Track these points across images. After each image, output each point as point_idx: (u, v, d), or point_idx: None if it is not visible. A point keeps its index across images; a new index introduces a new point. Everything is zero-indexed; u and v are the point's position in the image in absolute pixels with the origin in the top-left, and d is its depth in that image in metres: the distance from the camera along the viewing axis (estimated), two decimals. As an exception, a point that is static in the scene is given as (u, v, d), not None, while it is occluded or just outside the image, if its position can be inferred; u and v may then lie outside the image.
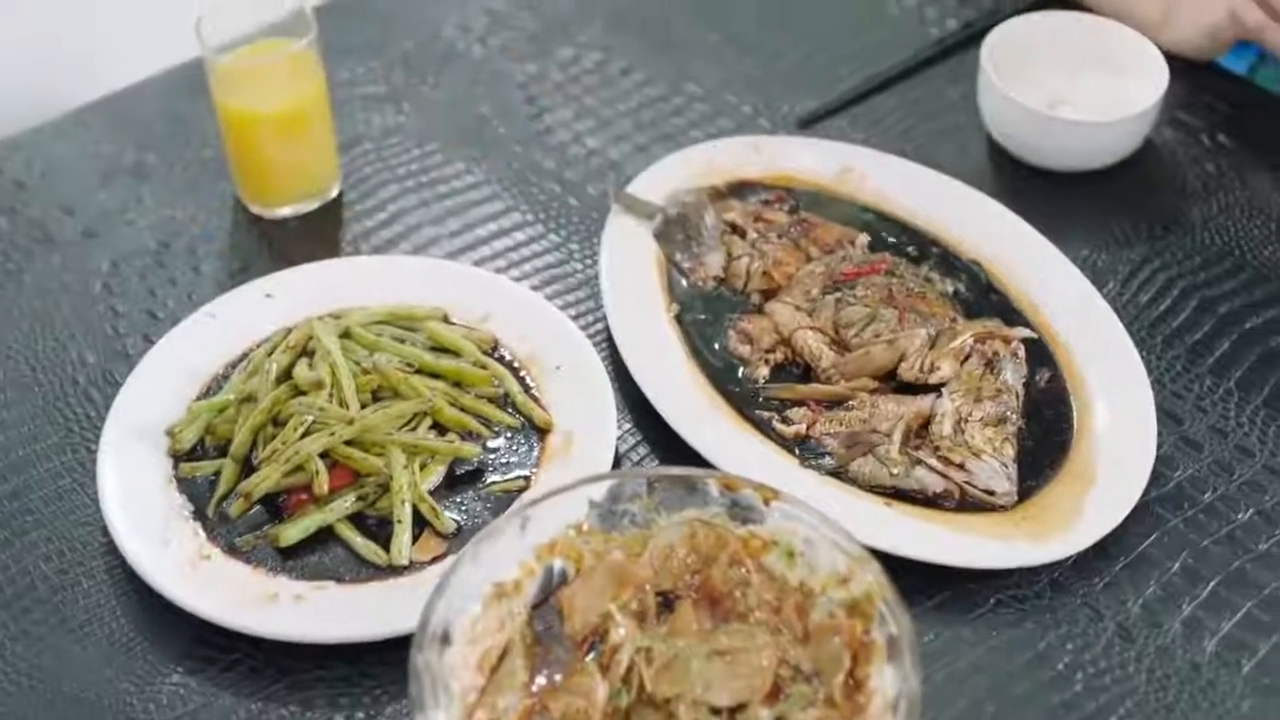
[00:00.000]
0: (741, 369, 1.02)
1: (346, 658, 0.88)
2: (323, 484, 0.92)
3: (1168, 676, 0.88)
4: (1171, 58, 1.25)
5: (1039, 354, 1.03)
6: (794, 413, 0.99)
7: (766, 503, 0.84)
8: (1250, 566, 0.93)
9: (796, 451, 0.97)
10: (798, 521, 0.83)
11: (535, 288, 1.08)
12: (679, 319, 1.04)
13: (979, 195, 1.12)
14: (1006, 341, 1.00)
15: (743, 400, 1.00)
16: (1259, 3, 1.18)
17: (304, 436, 0.93)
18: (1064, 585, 0.92)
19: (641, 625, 0.84)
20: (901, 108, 1.24)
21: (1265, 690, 0.87)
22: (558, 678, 0.82)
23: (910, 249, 1.09)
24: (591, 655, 0.83)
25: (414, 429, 0.96)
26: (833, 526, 0.82)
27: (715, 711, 0.79)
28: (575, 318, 1.05)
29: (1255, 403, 1.02)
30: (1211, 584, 0.92)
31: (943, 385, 0.98)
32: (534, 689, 0.81)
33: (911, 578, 0.90)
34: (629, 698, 0.80)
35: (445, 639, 0.79)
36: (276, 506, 0.93)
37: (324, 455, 0.93)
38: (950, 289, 1.06)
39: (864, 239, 1.09)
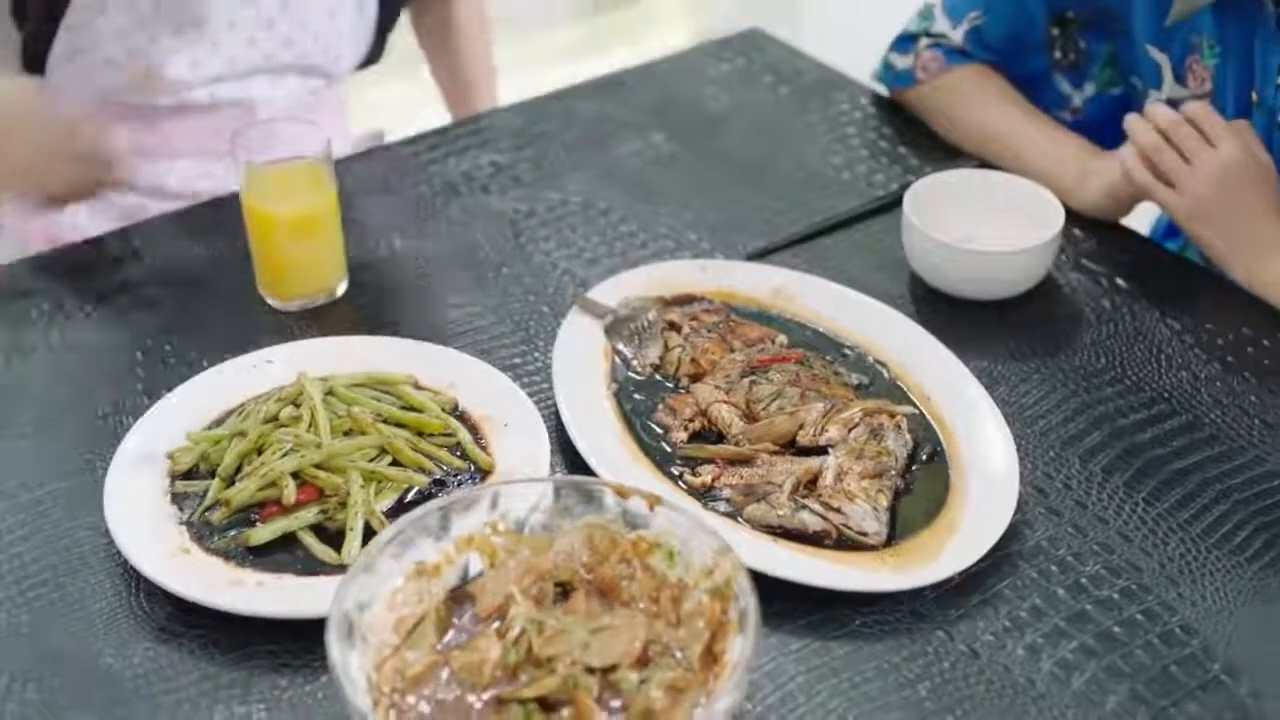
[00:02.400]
0: (664, 434, 1.18)
1: (293, 635, 1.02)
2: (290, 496, 1.08)
3: (1005, 687, 1.00)
4: (1085, 220, 1.44)
5: (927, 434, 1.18)
6: (703, 468, 1.14)
7: (651, 508, 0.99)
8: (1091, 607, 1.06)
9: (701, 499, 1.12)
10: (676, 524, 0.98)
11: (500, 369, 1.25)
12: (617, 395, 1.21)
13: (890, 310, 1.29)
14: (891, 416, 1.16)
15: (661, 458, 1.15)
16: (1145, 163, 1.36)
17: (281, 460, 1.10)
18: (923, 614, 1.05)
19: (539, 607, 0.98)
20: (842, 249, 1.42)
21: (1089, 702, 0.99)
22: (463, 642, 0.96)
23: (824, 350, 1.26)
24: (494, 627, 0.97)
25: (376, 462, 1.13)
26: (702, 526, 0.97)
27: (590, 671, 0.93)
28: (531, 394, 1.22)
29: (1116, 483, 1.16)
30: (1055, 619, 1.05)
31: (831, 447, 1.13)
32: (439, 648, 0.96)
33: (788, 601, 1.04)
34: (518, 657, 0.94)
35: (367, 602, 0.94)
36: (251, 519, 1.10)
37: (295, 475, 1.10)
38: (855, 381, 1.22)
39: (783, 338, 1.26)
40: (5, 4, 1.56)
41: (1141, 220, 1.55)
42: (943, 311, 1.34)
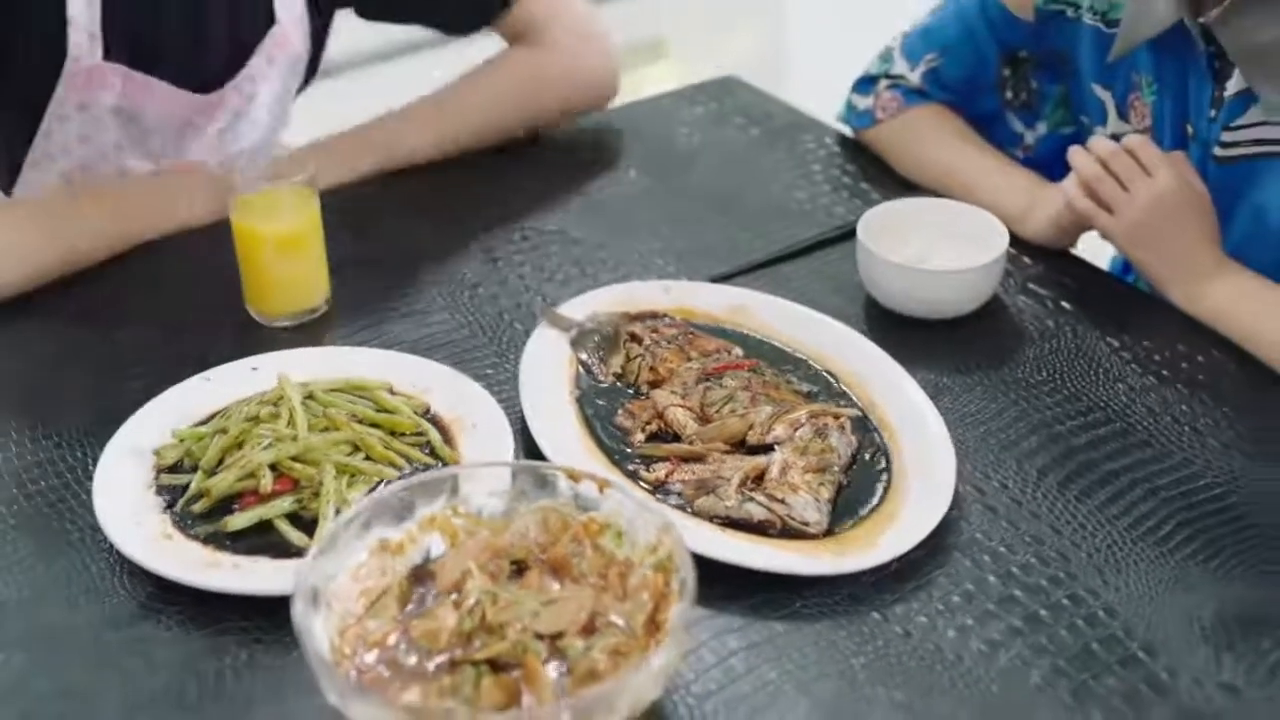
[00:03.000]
0: (623, 436, 1.24)
1: (266, 614, 1.08)
2: (267, 485, 1.15)
3: (934, 663, 1.06)
4: (1035, 248, 1.51)
5: (871, 436, 1.25)
6: (658, 465, 1.21)
7: (601, 490, 1.06)
8: (1019, 593, 1.12)
9: (655, 493, 1.18)
10: (624, 506, 1.05)
11: (472, 378, 1.32)
12: (579, 401, 1.28)
13: (842, 326, 1.37)
14: (836, 417, 1.23)
15: (620, 456, 1.22)
16: (1086, 191, 1.44)
17: (259, 452, 1.18)
18: (860, 597, 1.11)
19: (494, 582, 1.05)
20: (801, 274, 1.50)
21: (1013, 676, 1.05)
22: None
23: (776, 361, 1.33)
24: (451, 598, 1.04)
25: (350, 458, 1.20)
26: (647, 507, 1.04)
27: (540, 637, 1.00)
28: (500, 400, 1.29)
29: (1050, 482, 1.22)
30: (985, 604, 1.11)
31: (778, 444, 1.20)
32: (399, 618, 1.02)
33: (733, 584, 1.11)
34: (473, 624, 1.00)
35: (333, 573, 1.01)
36: (231, 508, 1.17)
37: (273, 467, 1.17)
38: (804, 389, 1.29)
39: (738, 350, 1.33)
40: None
41: (1102, 258, 1.63)
42: (894, 330, 1.41)
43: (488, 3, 1.71)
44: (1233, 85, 1.41)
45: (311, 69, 1.77)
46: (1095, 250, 1.56)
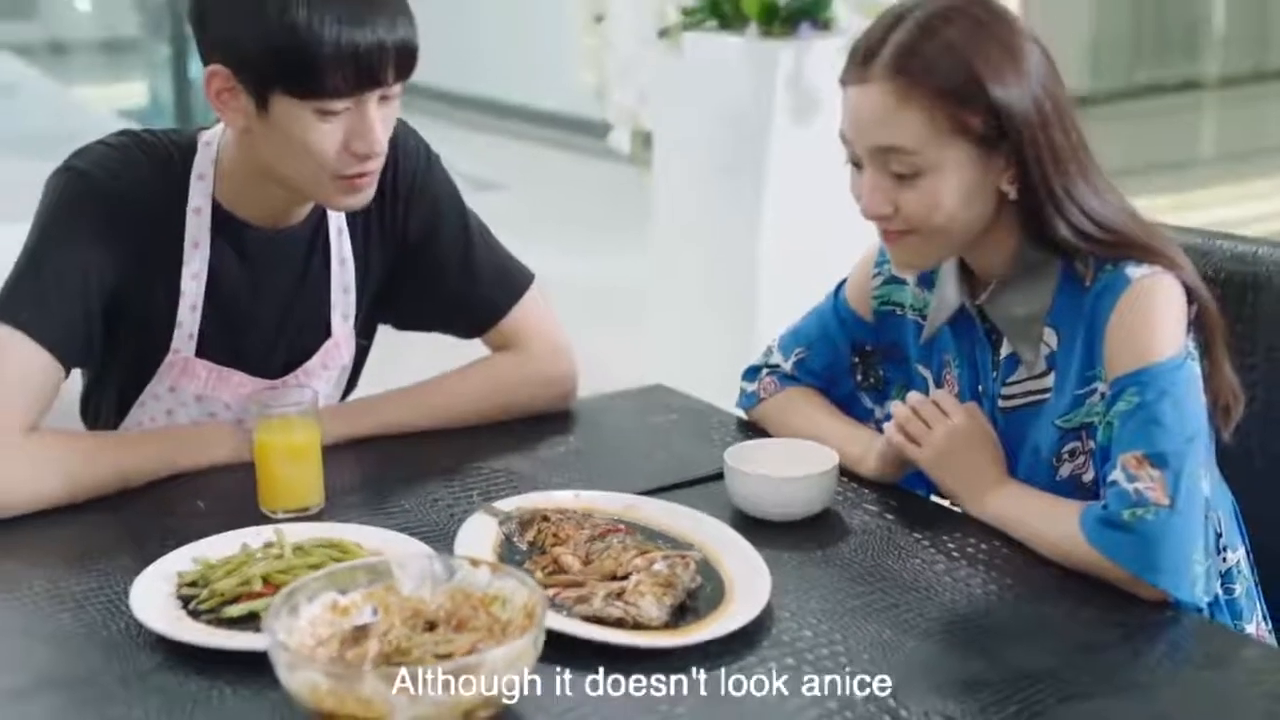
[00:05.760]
0: (529, 575, 1.66)
1: (245, 668, 1.48)
2: (258, 586, 1.58)
3: (739, 705, 1.44)
4: (871, 482, 1.96)
5: (713, 576, 1.66)
6: (550, 590, 1.62)
7: (494, 572, 1.47)
8: (808, 669, 1.50)
9: (545, 605, 1.59)
10: (507, 581, 1.46)
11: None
12: (499, 557, 1.71)
13: (709, 517, 1.80)
14: (683, 558, 1.64)
15: (523, 586, 1.64)
16: (900, 431, 1.89)
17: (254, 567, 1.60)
18: (684, 668, 1.50)
19: (411, 630, 1.45)
20: (685, 496, 1.93)
21: (795, 713, 1.43)
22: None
23: (653, 536, 1.76)
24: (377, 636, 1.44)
25: (321, 579, 1.62)
26: (524, 581, 1.45)
27: (436, 656, 1.39)
28: (441, 561, 1.71)
29: (845, 609, 1.62)
30: (783, 674, 1.49)
31: (636, 572, 1.61)
32: (339, 649, 1.42)
33: (589, 660, 1.50)
34: (390, 648, 1.40)
35: (294, 612, 1.42)
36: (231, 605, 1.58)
37: (264, 578, 1.59)
38: (668, 550, 1.71)
39: (623, 527, 1.76)
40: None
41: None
42: (750, 528, 1.83)
43: (488, 317, 2.24)
44: (1004, 350, 1.88)
45: (353, 381, 2.28)
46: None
